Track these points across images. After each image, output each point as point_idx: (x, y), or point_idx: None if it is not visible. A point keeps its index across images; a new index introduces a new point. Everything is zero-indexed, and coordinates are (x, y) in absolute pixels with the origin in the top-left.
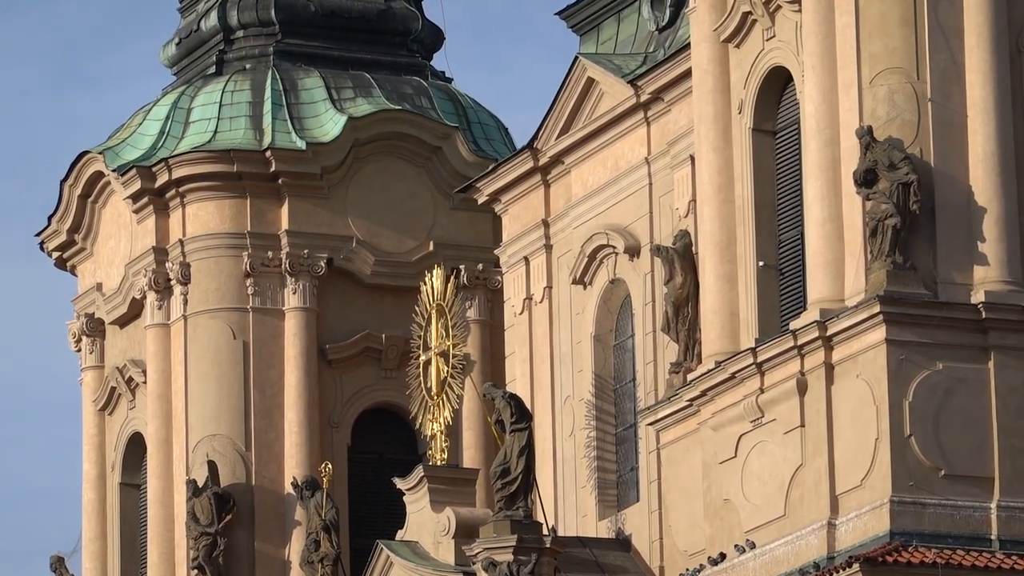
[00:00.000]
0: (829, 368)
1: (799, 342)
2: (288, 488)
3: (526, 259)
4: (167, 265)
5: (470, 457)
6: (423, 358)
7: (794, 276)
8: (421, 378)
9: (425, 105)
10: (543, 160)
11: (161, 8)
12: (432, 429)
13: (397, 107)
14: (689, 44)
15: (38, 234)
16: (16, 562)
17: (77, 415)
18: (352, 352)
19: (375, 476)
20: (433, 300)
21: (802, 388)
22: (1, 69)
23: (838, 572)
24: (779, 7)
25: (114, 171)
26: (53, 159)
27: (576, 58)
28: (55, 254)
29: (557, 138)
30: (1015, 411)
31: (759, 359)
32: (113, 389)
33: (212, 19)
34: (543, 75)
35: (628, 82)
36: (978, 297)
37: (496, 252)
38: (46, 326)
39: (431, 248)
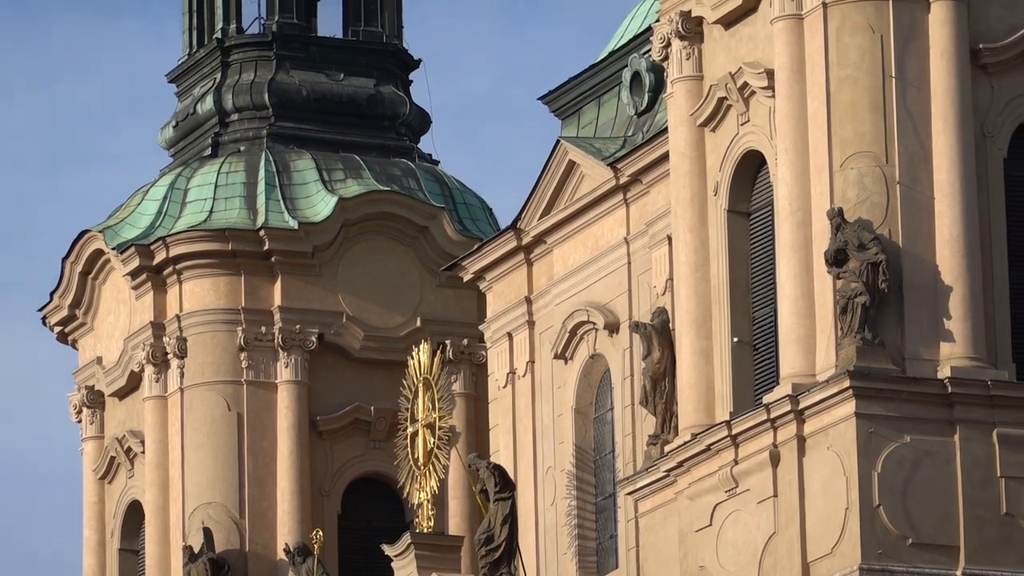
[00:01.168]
0: (801, 440)
1: (772, 415)
2: (280, 554)
3: (509, 335)
4: (164, 340)
5: (455, 525)
6: (410, 430)
7: (767, 352)
8: (408, 449)
9: (413, 186)
10: (526, 239)
11: (156, 91)
12: (419, 498)
13: (386, 188)
14: (667, 128)
15: (40, 309)
16: None
17: (78, 483)
18: (342, 424)
19: (364, 543)
20: (420, 374)
21: (775, 460)
22: (6, 146)
23: None
24: (753, 93)
25: (114, 249)
26: (53, 236)
27: (558, 141)
28: (57, 328)
29: (539, 218)
30: (980, 483)
31: (734, 432)
32: (112, 459)
33: (208, 103)
34: (526, 157)
35: (608, 165)
36: (944, 372)
37: (481, 328)
38: (47, 397)
39: (418, 324)
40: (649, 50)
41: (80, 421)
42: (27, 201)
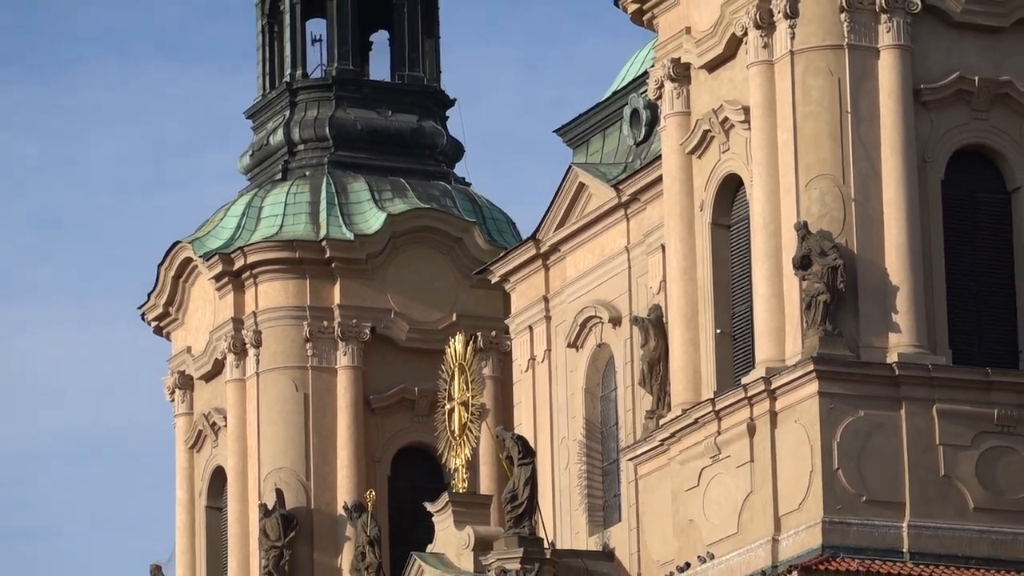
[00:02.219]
0: (773, 415)
1: (749, 394)
2: (340, 511)
3: (530, 327)
4: (243, 332)
5: (485, 486)
6: (448, 406)
7: (744, 341)
8: (446, 422)
9: (449, 204)
10: (543, 248)
11: (233, 125)
12: (455, 463)
13: (427, 206)
14: (660, 156)
15: (140, 307)
16: (122, 570)
17: (171, 453)
18: (391, 402)
19: (410, 501)
20: (456, 360)
21: (751, 431)
22: (107, 172)
23: None
24: (732, 126)
25: (200, 257)
26: (149, 246)
27: (570, 167)
28: (153, 323)
29: (555, 230)
30: (922, 450)
31: (717, 407)
32: (200, 431)
33: (279, 135)
34: (543, 179)
35: (611, 186)
36: (892, 358)
37: (506, 322)
38: (144, 381)
39: (454, 319)
40: (646, 90)
41: (173, 400)
42: (126, 216)
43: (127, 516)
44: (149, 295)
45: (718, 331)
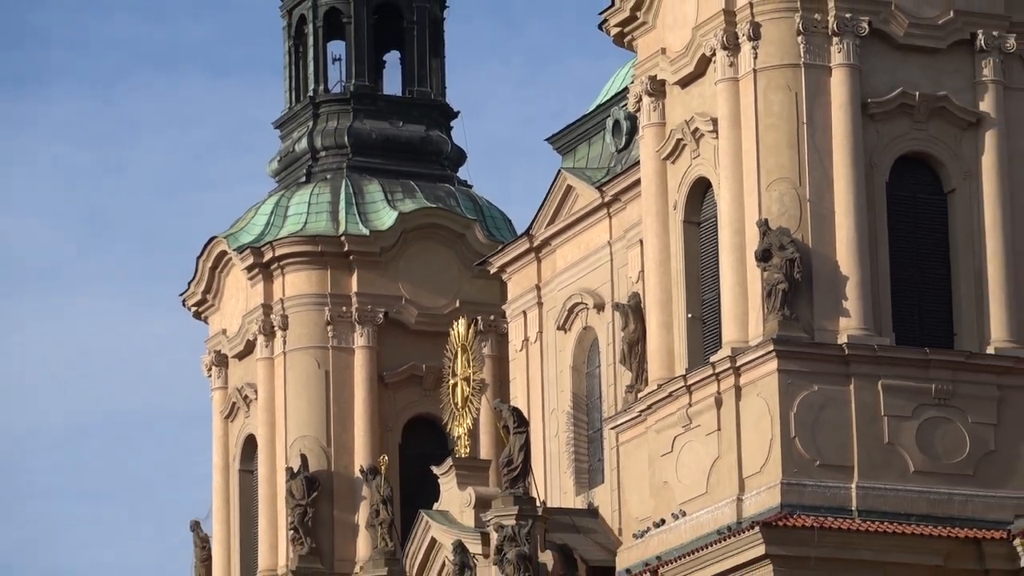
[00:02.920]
0: (738, 389)
1: (716, 371)
2: (357, 473)
3: (524, 312)
4: (272, 316)
5: (485, 452)
6: (451, 381)
7: (713, 325)
8: (450, 396)
9: (453, 204)
10: (536, 243)
11: (262, 133)
12: (458, 432)
13: (433, 205)
14: (639, 161)
15: (181, 294)
16: (165, 525)
17: (208, 422)
18: (402, 377)
19: (418, 465)
20: (459, 341)
21: (719, 403)
22: (151, 175)
23: (744, 533)
24: (702, 135)
25: (235, 250)
26: (188, 240)
27: (559, 171)
28: (192, 308)
29: (546, 227)
30: (868, 420)
31: (688, 383)
32: (234, 404)
33: (303, 143)
34: (536, 182)
35: (596, 188)
36: (842, 339)
37: (503, 308)
38: (186, 360)
39: (457, 304)
40: (626, 104)
41: (210, 377)
42: (168, 214)
43: (170, 478)
44: (189, 284)
45: (689, 316)
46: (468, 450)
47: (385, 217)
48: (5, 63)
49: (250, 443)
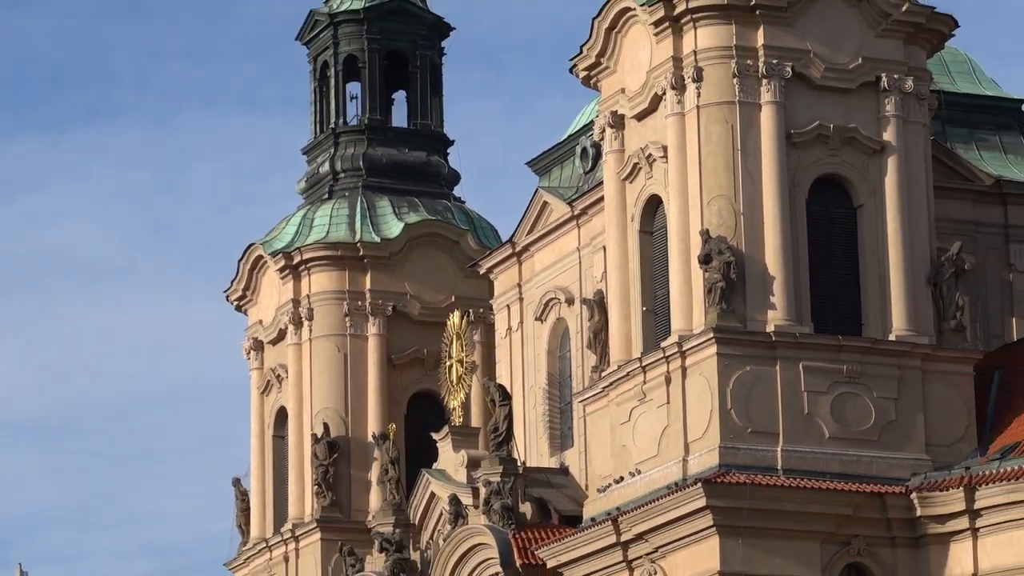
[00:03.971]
0: (684, 369)
1: (667, 354)
2: (370, 438)
3: (508, 306)
4: (300, 309)
5: (475, 420)
6: (448, 363)
7: (663, 316)
8: (447, 375)
9: (449, 217)
10: (518, 249)
11: (292, 157)
12: (453, 404)
13: (433, 218)
14: (602, 181)
15: (225, 291)
16: (211, 481)
17: (247, 397)
18: (407, 360)
19: (420, 431)
20: (454, 330)
21: (668, 381)
22: (200, 193)
23: (688, 488)
24: (655, 160)
25: (269, 255)
26: (229, 246)
27: (537, 189)
28: (235, 302)
29: (526, 235)
30: (791, 394)
31: (643, 364)
32: (269, 381)
33: (326, 167)
34: (517, 198)
35: (567, 203)
36: (770, 328)
37: (491, 302)
38: (229, 344)
39: (453, 299)
40: (592, 134)
41: (248, 359)
42: (214, 224)
43: (215, 442)
44: (231, 282)
45: (644, 309)
46: (461, 419)
47: (393, 227)
48: (82, 100)
49: (281, 414)
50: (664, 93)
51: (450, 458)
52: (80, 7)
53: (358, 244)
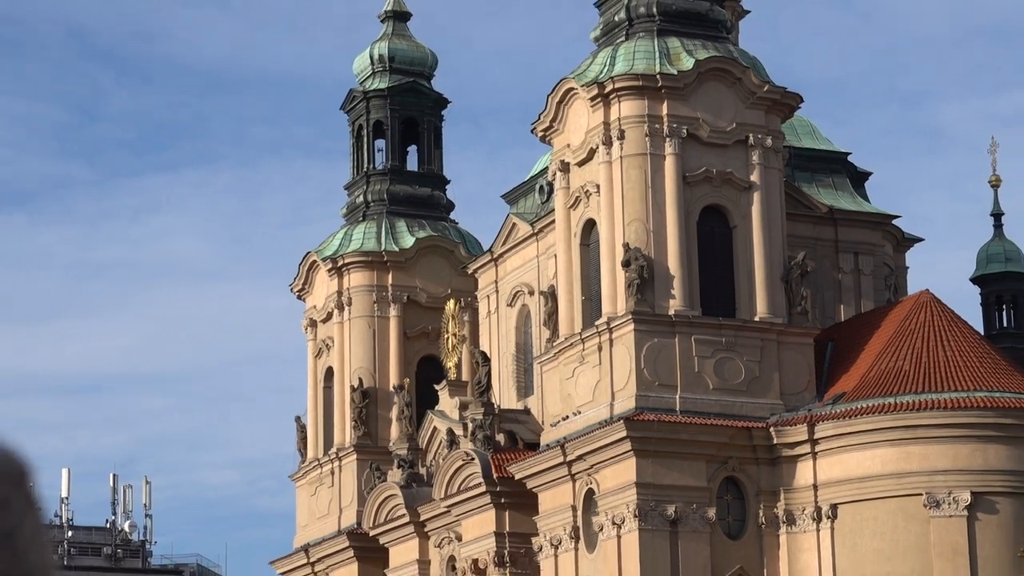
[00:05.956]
0: (611, 341)
1: (599, 329)
2: (391, 388)
3: (488, 296)
4: (342, 298)
5: (465, 376)
6: (446, 336)
7: (597, 304)
8: (445, 344)
9: (447, 234)
10: (495, 256)
11: (334, 192)
12: (450, 364)
13: (436, 234)
14: (554, 209)
15: (289, 284)
16: (279, 419)
17: (304, 360)
18: (417, 333)
19: (427, 384)
20: (450, 312)
21: (600, 348)
22: (270, 217)
23: (614, 423)
24: (591, 194)
25: (321, 259)
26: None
27: (508, 214)
28: (296, 293)
29: (501, 247)
30: (687, 357)
31: (583, 337)
32: (320, 349)
33: (360, 198)
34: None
35: (530, 224)
36: (671, 312)
37: (475, 293)
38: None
39: (449, 292)
40: (547, 175)
41: (306, 333)
42: (281, 240)
43: (283, 391)
44: (294, 279)
45: (583, 298)
46: (456, 375)
47: (408, 240)
48: (190, 149)
49: (329, 372)
50: (597, 147)
51: (447, 403)
52: (189, 84)
53: (383, 252)
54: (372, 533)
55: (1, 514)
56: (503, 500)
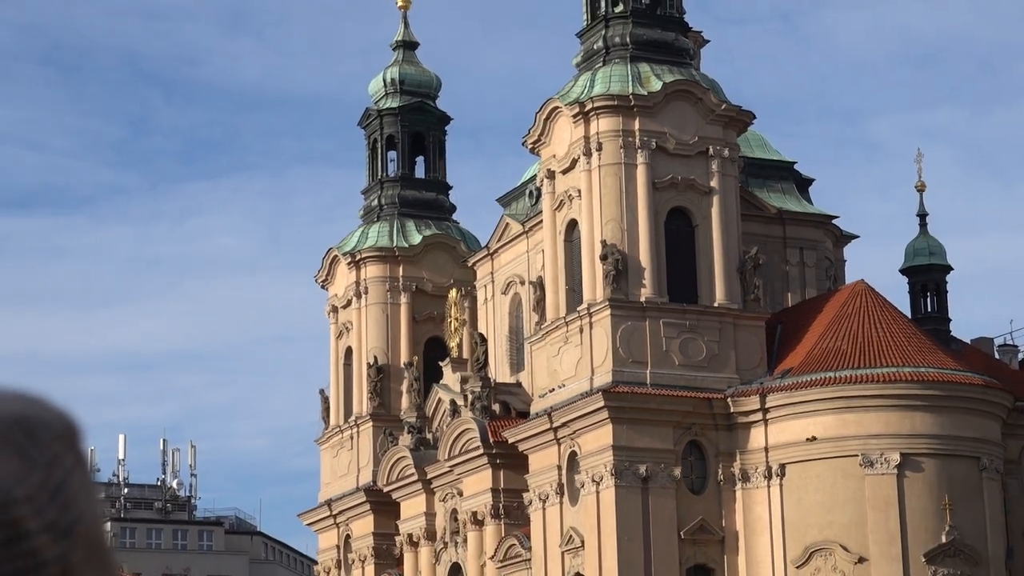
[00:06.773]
0: (591, 323)
1: (580, 314)
2: (402, 365)
3: (485, 285)
4: (360, 288)
5: (466, 354)
6: (449, 319)
7: (579, 292)
8: (449, 327)
9: (450, 232)
10: (491, 251)
11: (355, 196)
12: (452, 344)
13: (440, 232)
14: (542, 210)
15: (315, 276)
16: (304, 392)
17: (327, 340)
18: (425, 318)
19: (432, 360)
20: (453, 299)
21: (581, 330)
22: (297, 219)
23: (593, 395)
24: (573, 198)
25: (341, 254)
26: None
27: (502, 215)
28: (320, 283)
29: (496, 242)
30: (656, 339)
31: (567, 320)
32: (341, 331)
33: (375, 202)
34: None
35: (521, 224)
36: (643, 299)
37: (474, 283)
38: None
39: (452, 282)
40: (536, 181)
41: (328, 317)
42: (308, 237)
43: (307, 366)
44: (318, 271)
45: (567, 288)
46: (457, 353)
47: (416, 238)
48: (228, 160)
49: (348, 351)
50: (579, 158)
51: (450, 377)
52: (228, 103)
53: (395, 248)
54: (386, 490)
55: (52, 470)
56: (498, 461)
